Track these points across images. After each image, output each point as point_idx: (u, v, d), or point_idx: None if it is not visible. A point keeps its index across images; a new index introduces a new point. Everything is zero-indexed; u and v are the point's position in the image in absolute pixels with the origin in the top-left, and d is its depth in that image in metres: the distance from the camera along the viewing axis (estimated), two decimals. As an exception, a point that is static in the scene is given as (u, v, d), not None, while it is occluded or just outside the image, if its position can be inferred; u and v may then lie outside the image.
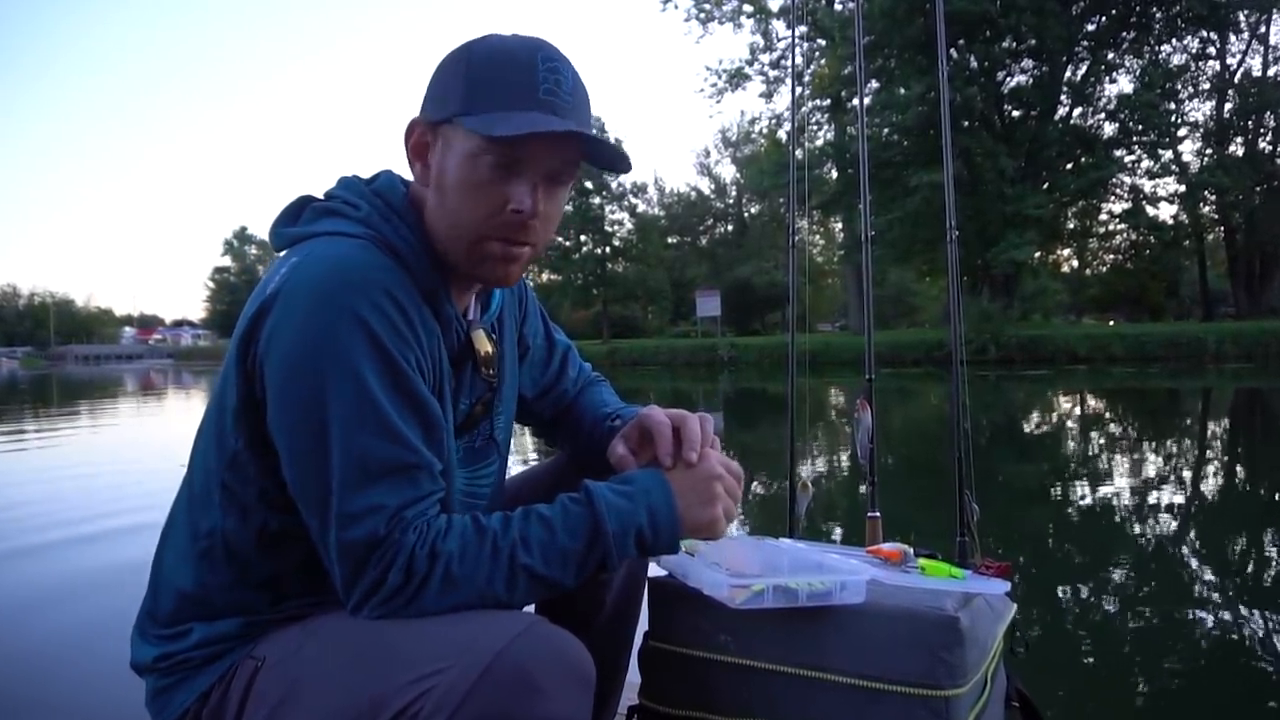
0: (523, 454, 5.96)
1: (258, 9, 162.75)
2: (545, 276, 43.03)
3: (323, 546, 0.83)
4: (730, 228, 52.25)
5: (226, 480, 0.88)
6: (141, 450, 8.16)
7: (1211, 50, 27.94)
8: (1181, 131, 27.39)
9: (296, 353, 0.81)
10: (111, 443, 9.14)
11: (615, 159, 0.90)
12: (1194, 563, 3.34)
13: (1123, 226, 29.86)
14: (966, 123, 24.38)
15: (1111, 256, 35.02)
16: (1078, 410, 10.70)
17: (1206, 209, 27.49)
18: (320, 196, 0.96)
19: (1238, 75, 27.88)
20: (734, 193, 52.05)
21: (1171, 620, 2.63)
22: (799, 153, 2.32)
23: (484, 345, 0.99)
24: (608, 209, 41.08)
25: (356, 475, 0.80)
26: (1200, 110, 28.45)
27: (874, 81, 25.78)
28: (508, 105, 0.84)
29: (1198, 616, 2.65)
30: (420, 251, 0.90)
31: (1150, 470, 5.67)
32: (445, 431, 0.89)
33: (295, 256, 0.86)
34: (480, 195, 0.86)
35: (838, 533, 3.73)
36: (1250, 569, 3.29)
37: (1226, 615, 2.65)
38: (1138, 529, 3.93)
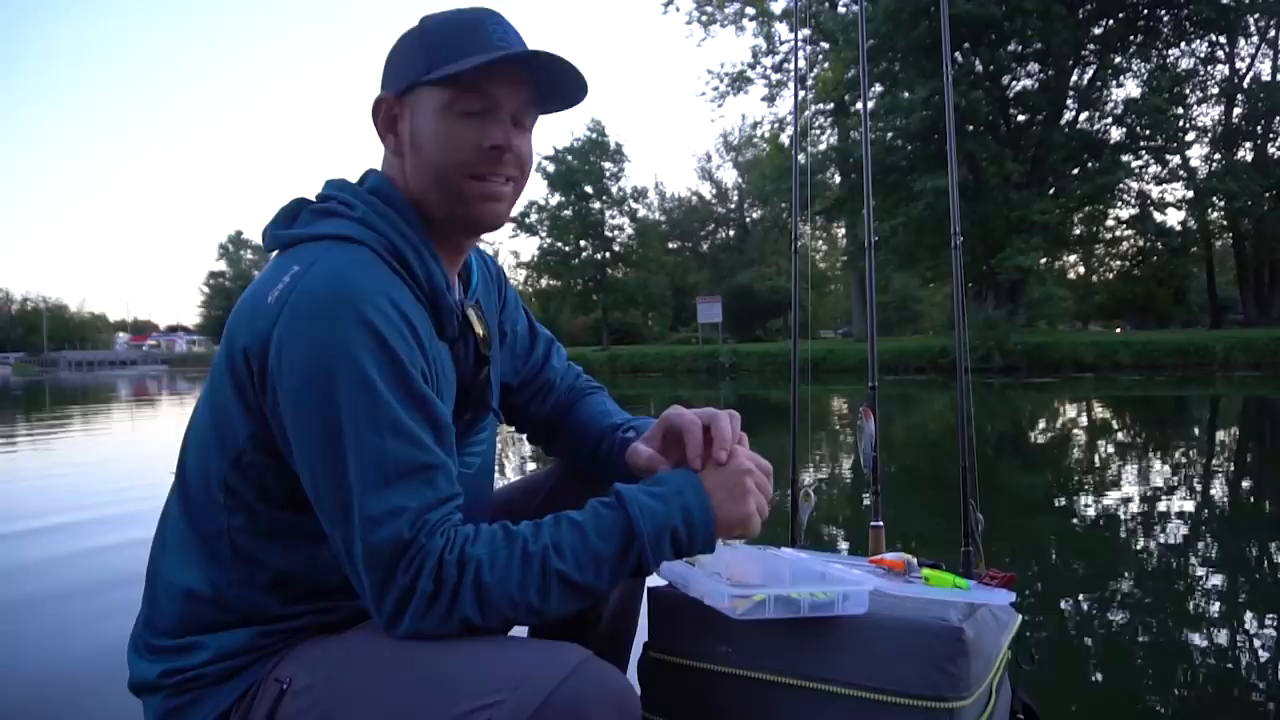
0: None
1: (257, 9, 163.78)
2: (545, 282, 43.07)
3: (348, 558, 0.82)
4: (732, 233, 52.30)
5: (231, 481, 0.88)
6: (139, 461, 8.16)
7: (1220, 54, 27.86)
8: (1190, 137, 27.29)
9: (308, 364, 0.81)
10: (108, 449, 9.15)
11: (571, 90, 0.95)
12: (1203, 575, 3.31)
13: (1130, 233, 29.83)
14: (971, 127, 24.32)
15: (1118, 263, 34.98)
16: (1084, 419, 10.65)
17: (1215, 215, 27.30)
18: (314, 199, 0.96)
19: (1247, 80, 27.74)
20: (736, 197, 52.13)
21: (1180, 633, 2.60)
22: (801, 157, 2.31)
23: (478, 325, 1.01)
24: (608, 214, 41.13)
25: (375, 477, 0.80)
26: (1209, 115, 28.34)
27: (878, 85, 25.75)
28: (465, 55, 0.90)
29: (1206, 630, 2.62)
30: (419, 243, 0.92)
31: (1158, 481, 5.63)
32: (451, 432, 0.90)
33: (296, 265, 0.86)
34: (456, 140, 0.92)
35: (841, 542, 3.71)
36: (1261, 583, 3.26)
37: (1236, 629, 2.62)
38: (1146, 540, 3.90)
